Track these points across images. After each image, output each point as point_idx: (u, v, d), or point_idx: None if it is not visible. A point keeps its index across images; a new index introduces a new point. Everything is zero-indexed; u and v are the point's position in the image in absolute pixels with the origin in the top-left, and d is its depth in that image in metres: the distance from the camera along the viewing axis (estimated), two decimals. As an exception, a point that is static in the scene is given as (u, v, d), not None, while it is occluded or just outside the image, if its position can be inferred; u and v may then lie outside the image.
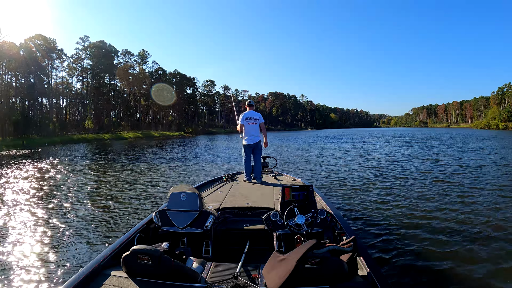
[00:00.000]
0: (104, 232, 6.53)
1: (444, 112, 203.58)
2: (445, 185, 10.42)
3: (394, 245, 5.46)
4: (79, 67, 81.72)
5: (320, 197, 4.73)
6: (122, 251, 2.71)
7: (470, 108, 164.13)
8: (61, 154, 28.15)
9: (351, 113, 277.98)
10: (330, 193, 9.70)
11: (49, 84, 73.83)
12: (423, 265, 4.75)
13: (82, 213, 8.05)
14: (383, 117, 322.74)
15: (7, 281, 4.40)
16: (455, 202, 8.26)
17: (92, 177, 14.28)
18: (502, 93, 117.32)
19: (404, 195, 9.23)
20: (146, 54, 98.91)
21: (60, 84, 79.66)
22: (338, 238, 3.57)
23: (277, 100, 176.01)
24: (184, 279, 2.46)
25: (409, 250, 5.25)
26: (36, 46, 68.00)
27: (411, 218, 7.00)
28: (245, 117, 7.14)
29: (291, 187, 3.78)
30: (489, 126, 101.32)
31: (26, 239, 6.08)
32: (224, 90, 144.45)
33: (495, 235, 5.90)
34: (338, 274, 2.32)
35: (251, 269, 2.83)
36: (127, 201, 9.30)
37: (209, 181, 6.55)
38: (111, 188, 11.30)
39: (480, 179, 11.38)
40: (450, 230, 6.16)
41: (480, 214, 7.18)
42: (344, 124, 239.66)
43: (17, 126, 54.77)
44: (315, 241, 2.44)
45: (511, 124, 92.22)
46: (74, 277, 2.46)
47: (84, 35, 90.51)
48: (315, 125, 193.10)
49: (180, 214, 3.63)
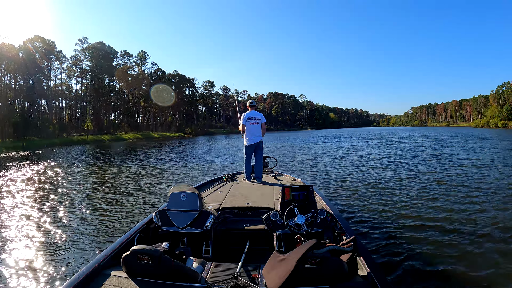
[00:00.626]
0: (104, 232, 6.54)
1: (443, 111, 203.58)
2: (446, 185, 10.41)
3: (394, 245, 5.46)
4: (78, 68, 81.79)
5: (320, 197, 4.72)
6: (122, 251, 2.72)
7: (470, 107, 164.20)
8: (61, 156, 28.14)
9: (351, 113, 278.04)
10: (330, 193, 9.71)
11: (48, 85, 73.84)
12: (423, 265, 4.75)
13: (82, 213, 8.05)
14: (382, 116, 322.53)
15: (7, 281, 4.40)
16: (456, 202, 8.25)
17: (92, 179, 14.30)
18: (502, 92, 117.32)
19: (404, 195, 9.23)
20: (145, 55, 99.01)
21: (59, 86, 79.75)
22: (338, 238, 3.57)
23: (277, 100, 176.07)
24: (184, 279, 2.46)
25: (409, 250, 5.25)
26: (35, 48, 68.05)
27: (411, 218, 7.00)
28: (246, 117, 7.17)
29: (291, 187, 3.78)
30: (489, 124, 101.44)
31: (26, 240, 6.09)
32: (223, 90, 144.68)
33: (496, 235, 5.90)
34: (338, 274, 2.32)
35: (251, 269, 2.83)
36: (127, 201, 9.30)
37: (209, 181, 6.56)
38: (111, 189, 11.30)
39: (482, 179, 11.32)
40: (450, 230, 6.17)
41: (481, 214, 7.18)
42: (343, 124, 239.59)
43: (16, 128, 54.75)
44: (315, 241, 2.44)
45: (511, 123, 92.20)
46: (74, 277, 2.46)
47: (83, 37, 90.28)
48: (315, 125, 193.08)
49: (180, 214, 3.63)
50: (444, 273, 4.50)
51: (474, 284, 4.24)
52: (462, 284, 4.25)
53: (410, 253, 5.15)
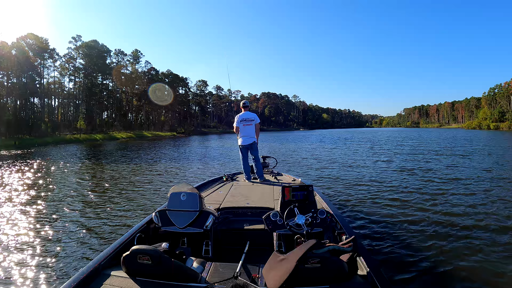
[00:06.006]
0: (104, 232, 6.49)
1: (436, 112, 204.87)
2: (447, 186, 10.48)
3: (394, 245, 5.48)
4: (72, 66, 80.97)
5: (320, 197, 4.74)
6: (122, 251, 2.72)
7: (462, 108, 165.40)
8: (54, 155, 27.84)
9: (344, 113, 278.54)
10: (330, 193, 9.73)
11: (41, 83, 73.03)
12: (423, 265, 4.78)
13: (82, 213, 8.00)
14: (375, 117, 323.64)
15: (7, 281, 4.37)
16: (457, 203, 8.28)
17: (89, 178, 14.15)
18: (493, 94, 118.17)
19: (405, 195, 9.30)
20: (139, 54, 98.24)
21: (52, 84, 78.92)
22: (338, 238, 3.59)
23: (270, 100, 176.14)
24: (184, 279, 2.46)
25: (409, 250, 5.28)
26: (28, 45, 67.20)
27: (412, 218, 7.04)
28: (240, 119, 7.23)
29: (291, 187, 3.79)
30: (481, 126, 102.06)
31: (26, 240, 6.04)
32: (216, 90, 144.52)
33: (497, 235, 5.96)
34: (338, 274, 2.34)
35: (251, 269, 2.84)
36: (127, 201, 9.27)
37: (209, 181, 6.58)
38: (110, 189, 11.23)
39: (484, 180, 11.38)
40: (450, 231, 6.21)
41: (483, 214, 7.24)
42: (336, 125, 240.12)
43: (8, 126, 54.15)
44: (315, 241, 2.45)
45: (502, 125, 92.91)
46: (74, 277, 2.46)
47: (77, 35, 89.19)
48: (308, 126, 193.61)
49: (180, 214, 3.63)
50: (444, 273, 4.54)
51: (475, 283, 4.28)
52: (462, 284, 4.28)
53: (410, 253, 5.18)
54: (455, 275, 4.48)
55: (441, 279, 4.39)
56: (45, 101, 75.08)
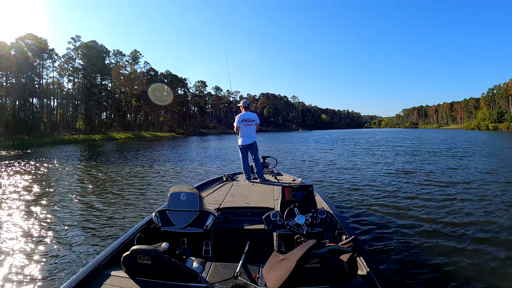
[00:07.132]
0: (104, 232, 6.49)
1: (434, 113, 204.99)
2: (447, 186, 10.50)
3: (394, 245, 5.50)
4: (70, 67, 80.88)
5: (320, 197, 4.74)
6: (122, 251, 2.71)
7: (461, 109, 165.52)
8: (53, 155, 27.77)
9: (342, 114, 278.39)
10: (330, 193, 9.73)
11: (40, 84, 72.90)
12: (423, 265, 4.79)
13: (81, 214, 8.00)
14: (374, 118, 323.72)
15: (6, 281, 4.37)
16: (457, 203, 8.30)
17: (88, 179, 14.15)
18: (492, 95, 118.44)
19: (405, 195, 9.30)
20: (137, 55, 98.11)
21: (51, 84, 78.84)
22: (338, 238, 3.58)
23: (269, 101, 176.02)
24: (184, 279, 2.46)
25: (409, 250, 5.29)
26: (27, 45, 67.08)
27: (412, 218, 7.05)
28: (240, 119, 7.26)
29: (291, 187, 3.79)
30: (479, 127, 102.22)
31: (25, 240, 6.03)
32: (215, 91, 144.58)
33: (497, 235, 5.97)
34: (338, 274, 2.33)
35: (251, 269, 2.84)
36: (126, 201, 9.26)
37: (209, 181, 6.58)
38: (109, 189, 11.22)
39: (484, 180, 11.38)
40: (451, 231, 6.22)
41: (483, 214, 7.26)
42: (335, 125, 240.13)
43: (7, 127, 54.04)
44: (315, 241, 2.45)
45: (501, 125, 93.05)
46: (74, 277, 2.46)
47: (76, 35, 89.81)
48: (307, 126, 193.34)
49: (180, 214, 3.63)
50: (444, 273, 4.54)
51: (475, 283, 4.28)
52: (462, 283, 4.28)
53: (410, 253, 5.19)
54: (455, 275, 4.48)
55: (441, 279, 4.39)
56: (44, 102, 75.07)
